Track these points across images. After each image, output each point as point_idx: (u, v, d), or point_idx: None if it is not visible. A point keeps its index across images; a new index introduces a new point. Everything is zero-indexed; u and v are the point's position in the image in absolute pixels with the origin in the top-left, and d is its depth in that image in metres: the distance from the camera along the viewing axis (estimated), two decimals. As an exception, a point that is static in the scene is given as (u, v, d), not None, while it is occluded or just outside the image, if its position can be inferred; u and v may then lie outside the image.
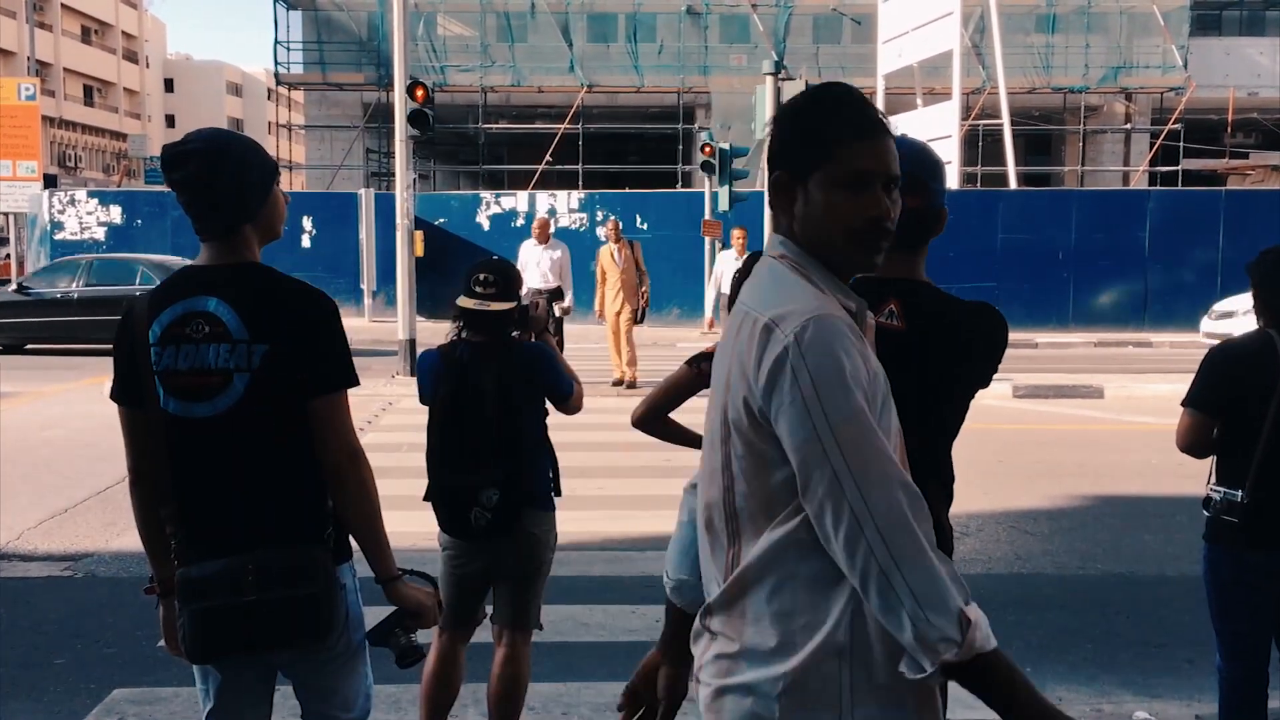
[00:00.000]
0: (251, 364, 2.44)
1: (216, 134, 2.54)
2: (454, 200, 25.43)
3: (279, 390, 2.46)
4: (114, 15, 66.26)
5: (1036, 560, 6.70)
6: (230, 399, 2.45)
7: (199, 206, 2.49)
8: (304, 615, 2.46)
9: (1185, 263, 22.37)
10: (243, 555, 2.44)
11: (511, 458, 3.64)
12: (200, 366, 2.45)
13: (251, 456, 2.48)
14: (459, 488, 3.63)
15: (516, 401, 3.66)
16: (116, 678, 4.80)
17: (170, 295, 2.52)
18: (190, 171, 2.46)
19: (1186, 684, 4.80)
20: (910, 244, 2.38)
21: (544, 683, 4.57)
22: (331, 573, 2.51)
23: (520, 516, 3.66)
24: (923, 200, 2.34)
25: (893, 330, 2.31)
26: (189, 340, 2.46)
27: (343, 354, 2.54)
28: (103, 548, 6.78)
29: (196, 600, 2.44)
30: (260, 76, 76.83)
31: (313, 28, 35.38)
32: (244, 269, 2.52)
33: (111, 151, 64.27)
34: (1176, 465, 9.32)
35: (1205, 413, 3.54)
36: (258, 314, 2.46)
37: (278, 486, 2.50)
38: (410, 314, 14.59)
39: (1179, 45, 33.55)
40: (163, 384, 2.48)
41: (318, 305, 2.52)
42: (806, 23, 35.13)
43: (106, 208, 24.31)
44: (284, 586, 2.44)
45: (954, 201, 14.70)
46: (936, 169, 2.38)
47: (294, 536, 2.49)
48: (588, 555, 6.57)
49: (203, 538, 2.50)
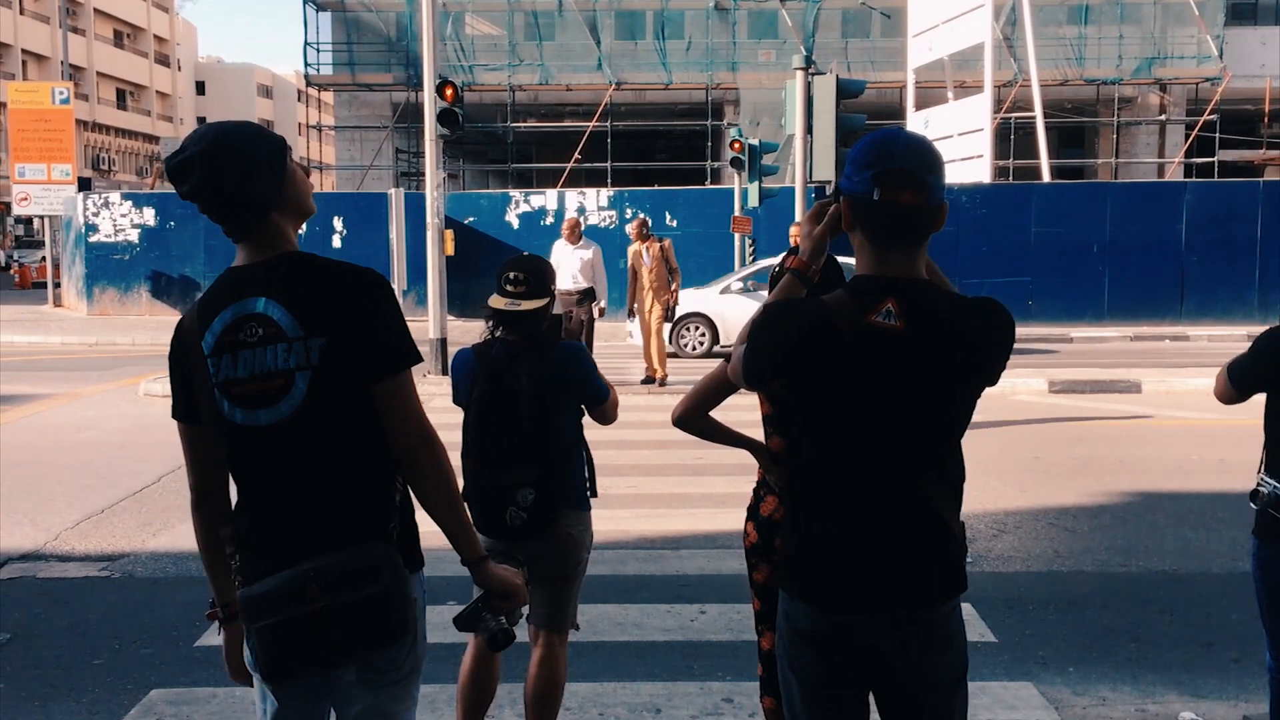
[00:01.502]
0: (311, 360, 2.32)
1: (211, 130, 2.39)
2: (483, 199, 25.45)
3: (343, 382, 2.34)
4: (146, 19, 66.91)
5: (1077, 558, 6.61)
6: (295, 400, 2.33)
7: (218, 212, 2.38)
8: (374, 618, 2.33)
9: (1222, 255, 22.06)
10: (302, 563, 2.31)
11: (547, 457, 3.61)
12: (261, 371, 2.33)
13: (319, 457, 2.36)
14: (494, 487, 3.60)
15: (552, 401, 3.63)
16: (154, 678, 4.81)
17: (217, 302, 2.39)
18: (197, 180, 2.33)
19: (1234, 684, 4.70)
20: (907, 241, 2.32)
21: (579, 682, 4.55)
22: (399, 568, 2.37)
23: (557, 517, 3.63)
24: (920, 197, 2.28)
25: (891, 330, 2.26)
26: (245, 346, 2.34)
27: (401, 331, 2.39)
28: (140, 548, 6.82)
29: (261, 616, 2.31)
30: (290, 78, 77.44)
31: (342, 29, 35.56)
32: (284, 261, 2.39)
33: (144, 154, 64.93)
34: (1218, 461, 9.23)
35: (1236, 387, 3.58)
36: (308, 306, 2.33)
37: (343, 485, 2.38)
38: (441, 313, 14.62)
39: (1214, 35, 33.11)
40: (225, 395, 2.36)
41: (367, 284, 2.37)
42: (835, 17, 34.93)
43: (140, 210, 24.48)
44: (349, 589, 2.30)
45: (987, 195, 14.83)
46: (935, 164, 2.31)
47: (356, 534, 2.36)
48: (621, 554, 6.54)
49: (267, 552, 2.37)
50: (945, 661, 2.38)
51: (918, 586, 2.33)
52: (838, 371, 2.27)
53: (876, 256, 2.33)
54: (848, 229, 2.38)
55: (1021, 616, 5.58)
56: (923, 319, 2.27)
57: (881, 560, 2.31)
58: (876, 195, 2.27)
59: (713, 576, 6.12)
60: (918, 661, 2.35)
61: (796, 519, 2.44)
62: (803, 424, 2.39)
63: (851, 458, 2.32)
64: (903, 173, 2.27)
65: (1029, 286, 21.27)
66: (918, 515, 2.32)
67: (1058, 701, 4.51)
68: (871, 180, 2.28)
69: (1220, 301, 21.75)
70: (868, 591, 2.32)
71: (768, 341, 2.37)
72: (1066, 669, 4.90)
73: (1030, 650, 5.11)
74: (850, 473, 2.32)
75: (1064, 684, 4.72)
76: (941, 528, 2.33)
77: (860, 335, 2.25)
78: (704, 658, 5.01)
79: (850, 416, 2.30)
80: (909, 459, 2.29)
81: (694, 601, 5.73)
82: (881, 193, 2.27)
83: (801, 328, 2.31)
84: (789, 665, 2.44)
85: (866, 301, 2.28)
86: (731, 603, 5.52)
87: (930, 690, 2.38)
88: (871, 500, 2.32)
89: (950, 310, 2.32)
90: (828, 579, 2.34)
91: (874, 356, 2.25)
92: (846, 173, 2.35)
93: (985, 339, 2.33)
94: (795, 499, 2.45)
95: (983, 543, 6.82)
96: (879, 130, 2.41)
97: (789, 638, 2.43)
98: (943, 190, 2.33)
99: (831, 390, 2.29)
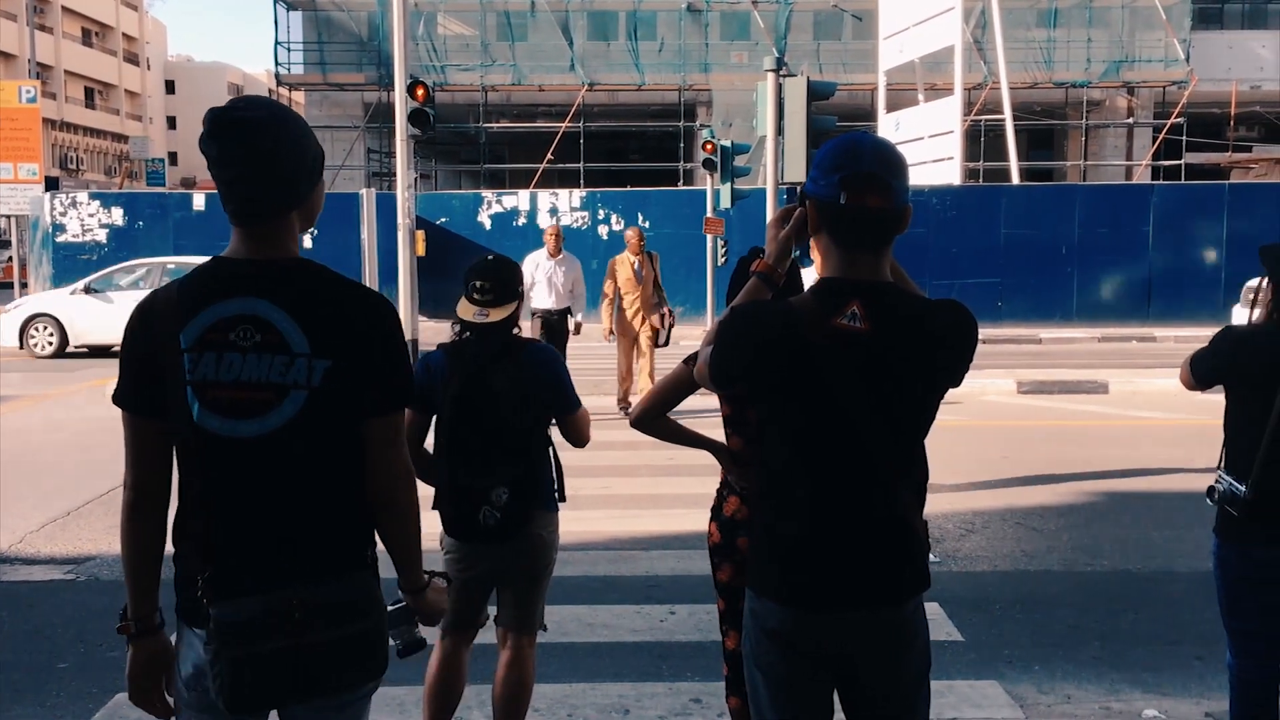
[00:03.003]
0: (312, 381, 2.18)
1: (274, 103, 2.24)
2: (455, 200, 25.40)
3: (337, 409, 2.21)
4: (114, 17, 66.27)
5: (1043, 557, 6.66)
6: (282, 418, 2.18)
7: (253, 185, 2.18)
8: (359, 657, 2.24)
9: (1189, 257, 22.30)
10: (284, 590, 2.17)
11: (523, 457, 3.61)
12: (248, 380, 2.17)
13: (299, 479, 2.23)
14: (470, 487, 3.59)
15: (528, 402, 3.63)
16: (120, 682, 4.70)
17: (206, 292, 2.20)
18: (251, 143, 2.15)
19: (1197, 682, 4.76)
20: (873, 245, 2.34)
21: (548, 684, 4.54)
22: (383, 605, 2.31)
23: (530, 518, 3.64)
24: (886, 201, 2.30)
25: (857, 332, 2.28)
26: (234, 348, 2.17)
27: (407, 368, 2.31)
28: (106, 551, 6.76)
29: (238, 646, 2.14)
30: (261, 77, 76.88)
31: (313, 28, 35.38)
32: (297, 267, 2.23)
33: (113, 154, 64.32)
34: (1183, 460, 9.31)
35: (1197, 379, 3.63)
36: (321, 325, 2.19)
37: (324, 510, 2.26)
38: (412, 314, 14.58)
39: (1181, 39, 33.45)
40: (198, 396, 2.18)
41: (383, 316, 2.27)
42: (807, 19, 35.08)
43: (108, 210, 24.27)
44: (335, 625, 2.19)
45: (957, 197, 14.91)
46: (900, 168, 2.33)
47: (339, 564, 2.25)
48: (591, 555, 6.54)
49: (239, 572, 2.20)
50: (909, 659, 2.40)
51: (883, 585, 2.36)
52: (804, 374, 2.29)
53: (842, 260, 2.34)
54: (813, 233, 2.39)
55: (988, 616, 5.62)
56: (888, 321, 2.29)
57: (848, 559, 2.34)
58: (843, 199, 2.29)
59: (683, 577, 6.13)
60: (882, 659, 2.38)
61: (763, 518, 2.46)
62: (770, 425, 2.41)
63: (818, 458, 2.34)
64: (869, 176, 2.29)
65: (998, 288, 21.41)
66: (884, 515, 2.34)
67: (1023, 700, 4.55)
68: (838, 184, 2.29)
69: (1187, 303, 21.95)
70: (834, 590, 2.34)
71: (735, 344, 2.38)
72: (1032, 667, 4.94)
73: (997, 649, 5.15)
74: (817, 473, 2.34)
75: (1030, 682, 4.76)
76: (906, 527, 2.36)
77: (826, 338, 2.27)
78: (673, 658, 5.02)
79: (817, 418, 2.31)
80: (875, 459, 2.32)
81: (663, 602, 5.74)
82: (848, 197, 2.28)
83: (768, 331, 2.33)
84: (755, 664, 2.45)
85: (832, 304, 2.30)
86: (701, 603, 5.53)
87: (894, 687, 2.41)
88: (838, 500, 2.34)
89: (915, 312, 2.34)
90: (795, 578, 2.36)
91: (840, 359, 2.27)
92: (812, 176, 2.36)
93: (949, 340, 2.35)
94: (762, 499, 2.47)
95: (951, 542, 6.86)
96: (844, 135, 2.42)
97: (755, 636, 2.44)
98: (907, 194, 2.35)
99: (798, 392, 2.31)
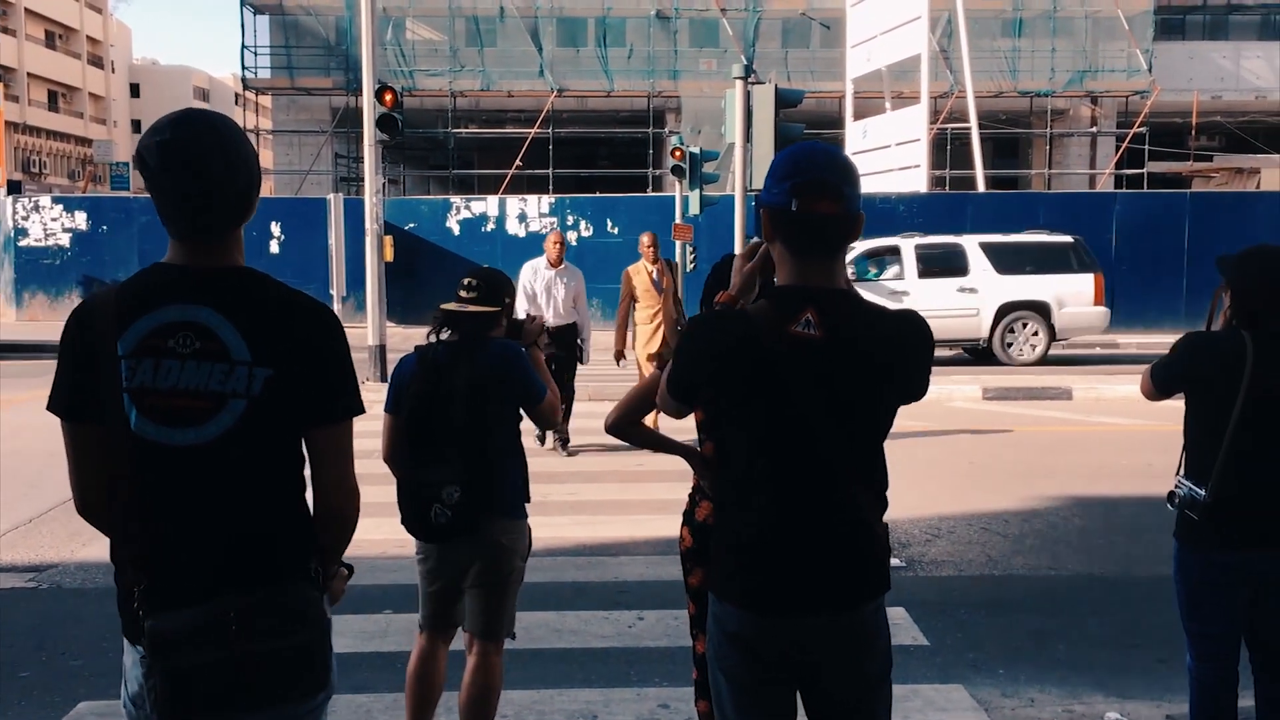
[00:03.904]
0: (251, 390, 2.14)
1: (212, 119, 2.19)
2: (424, 205, 25.33)
3: (279, 419, 2.18)
4: (79, 20, 65.63)
5: (1008, 562, 6.73)
6: (220, 426, 2.14)
7: (205, 213, 2.16)
8: (298, 668, 2.19)
9: (1151, 264, 22.57)
10: (220, 599, 2.11)
11: (478, 456, 3.62)
12: (186, 387, 2.13)
13: (237, 488, 2.18)
14: (423, 484, 3.62)
15: (486, 399, 3.65)
16: (82, 691, 4.73)
17: (146, 299, 2.16)
18: (205, 173, 2.14)
19: (1158, 684, 4.82)
20: (826, 251, 2.38)
21: (516, 690, 4.54)
22: (325, 616, 2.26)
23: (487, 522, 3.64)
24: (838, 207, 2.34)
25: (811, 339, 2.31)
26: (173, 355, 2.13)
27: (351, 379, 2.26)
28: (68, 558, 6.69)
29: (172, 657, 2.08)
30: (228, 81, 76.32)
31: (280, 32, 35.21)
32: (239, 275, 2.20)
33: (77, 157, 63.64)
34: (1145, 466, 9.41)
35: (1158, 387, 3.67)
36: (262, 333, 2.16)
37: (262, 520, 2.21)
38: (380, 319, 14.53)
39: (1143, 49, 33.90)
40: (135, 403, 2.13)
41: (328, 326, 2.23)
42: (776, 27, 35.28)
43: (71, 214, 24.06)
44: (274, 636, 2.14)
45: (923, 204, 14.98)
46: (850, 175, 2.37)
47: (277, 575, 2.19)
48: (560, 561, 6.54)
49: (175, 583, 2.14)
50: (869, 662, 2.43)
51: (843, 589, 2.38)
52: (763, 380, 2.32)
53: (796, 267, 2.38)
54: (768, 241, 2.43)
55: (953, 620, 5.66)
56: (841, 328, 2.33)
57: (808, 564, 2.36)
58: (795, 206, 2.33)
59: (652, 582, 6.14)
60: (843, 662, 2.40)
61: (725, 524, 2.48)
62: (730, 431, 2.44)
63: (777, 464, 2.37)
64: (820, 183, 2.33)
65: (965, 295, 21.56)
66: (843, 519, 2.37)
67: (987, 703, 4.59)
68: (789, 191, 2.33)
69: (1150, 311, 22.21)
70: (794, 594, 2.37)
71: (695, 355, 2.42)
72: (997, 671, 4.99)
73: (961, 653, 5.19)
74: (776, 478, 2.37)
75: (994, 686, 4.81)
76: (865, 531, 2.39)
77: (782, 345, 2.30)
78: (642, 664, 5.03)
79: (775, 424, 2.34)
80: (833, 464, 2.34)
81: (632, 608, 5.75)
82: (799, 203, 2.32)
83: (727, 339, 2.36)
84: (718, 667, 2.48)
85: (787, 311, 2.33)
86: (669, 608, 5.54)
87: (855, 690, 2.43)
88: (797, 504, 2.36)
89: (868, 319, 2.37)
90: (755, 582, 2.39)
91: (796, 365, 2.30)
92: (766, 185, 2.41)
93: (903, 349, 2.38)
94: (724, 505, 2.49)
95: (916, 547, 6.91)
96: (797, 144, 2.47)
97: (718, 640, 2.46)
98: (859, 201, 2.39)
99: (757, 398, 2.34)
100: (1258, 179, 30.80)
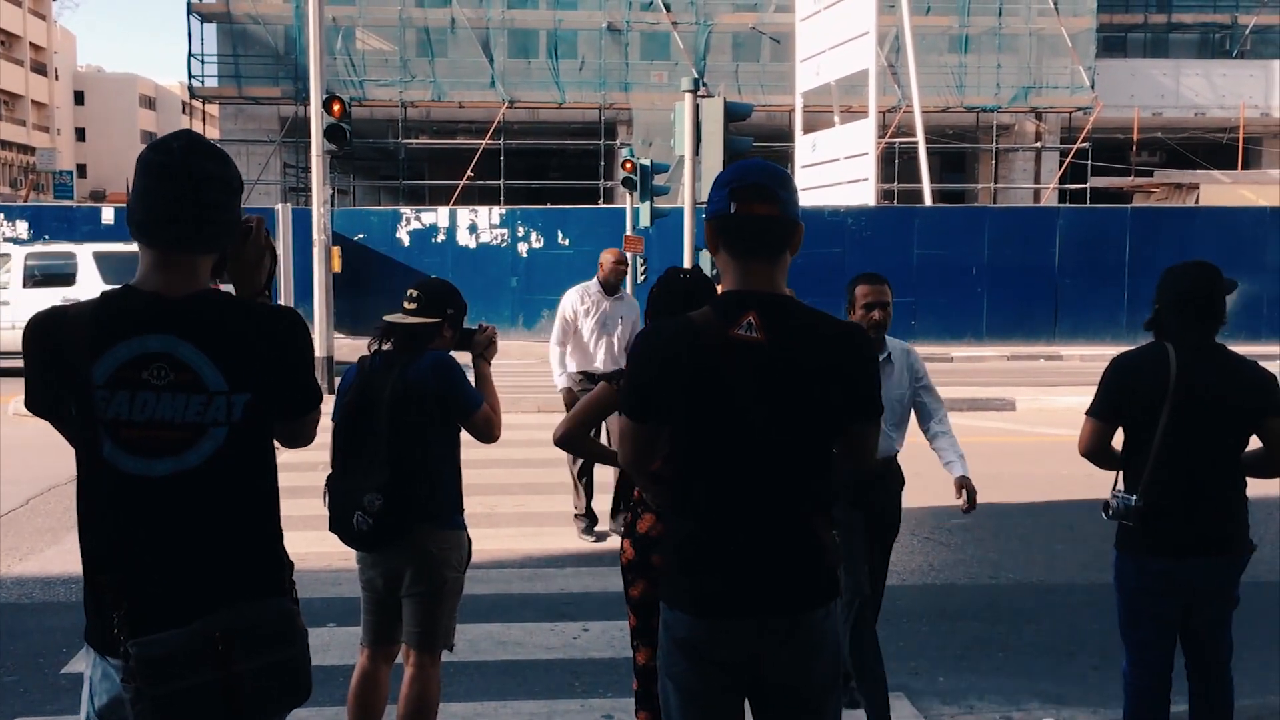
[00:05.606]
0: (233, 416, 2.15)
1: (213, 146, 2.30)
2: (373, 216, 25.17)
3: (259, 436, 2.24)
4: (22, 26, 64.55)
5: (950, 570, 6.81)
6: (200, 455, 2.14)
7: (194, 239, 2.19)
8: (287, 685, 2.21)
9: (1094, 278, 22.96)
10: (205, 619, 2.12)
11: (402, 464, 3.59)
12: (162, 419, 2.12)
13: (216, 512, 2.19)
14: (347, 490, 3.62)
15: (408, 409, 3.63)
16: (19, 706, 4.66)
17: (117, 327, 2.14)
18: (203, 200, 2.19)
19: (1095, 691, 4.90)
20: (765, 254, 2.43)
21: (459, 702, 4.54)
22: (303, 631, 2.28)
23: (413, 532, 3.62)
24: (773, 209, 2.40)
25: (752, 342, 2.35)
26: (148, 387, 2.12)
27: (314, 379, 2.36)
28: (4, 573, 6.57)
29: (162, 682, 2.07)
30: (175, 89, 75.38)
31: (228, 40, 34.90)
32: (206, 300, 2.20)
33: (18, 165, 62.53)
34: (1086, 476, 9.48)
35: (1100, 419, 3.68)
36: (237, 358, 2.16)
37: (241, 540, 2.22)
38: (328, 330, 14.43)
39: (1086, 66, 34.53)
40: (110, 434, 2.12)
41: (294, 332, 2.26)
42: (726, 40, 35.53)
43: (13, 223, 23.67)
44: (260, 653, 2.15)
45: (871, 217, 15.15)
46: (786, 181, 2.46)
47: (258, 593, 2.21)
48: (506, 573, 6.53)
49: (157, 607, 2.14)
50: (817, 668, 2.44)
51: (788, 593, 2.40)
52: (706, 385, 2.35)
53: (738, 272, 2.42)
54: (712, 252, 2.47)
55: (895, 629, 5.71)
56: (782, 331, 2.36)
57: (752, 566, 2.38)
58: (733, 208, 2.39)
59: (597, 594, 6.15)
60: (790, 667, 2.42)
61: (674, 530, 2.50)
62: (676, 436, 2.46)
63: (722, 467, 2.39)
64: (756, 186, 2.40)
65: (912, 307, 21.80)
66: (786, 523, 2.39)
67: (927, 711, 4.65)
68: (728, 196, 2.40)
69: (1093, 323, 22.59)
70: (740, 598, 2.38)
71: (640, 364, 2.45)
72: (937, 679, 5.05)
73: (903, 661, 5.24)
74: (721, 482, 2.40)
75: (934, 694, 4.87)
76: (810, 534, 2.41)
77: (725, 348, 2.34)
78: (586, 675, 5.03)
79: (719, 427, 2.37)
80: (778, 468, 2.37)
81: (577, 619, 5.75)
82: (737, 206, 2.39)
83: (672, 345, 2.39)
84: (667, 675, 2.49)
85: (729, 315, 2.37)
86: (615, 620, 5.55)
87: (803, 696, 2.45)
88: (742, 510, 2.39)
89: (809, 322, 2.41)
90: (701, 586, 2.40)
91: (739, 369, 2.34)
92: (709, 198, 2.46)
93: (843, 354, 2.41)
94: (673, 512, 2.51)
95: (861, 557, 6.96)
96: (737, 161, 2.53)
97: (667, 647, 2.48)
98: (796, 208, 2.45)
99: (700, 403, 2.37)
100: (1196, 194, 31.41)
